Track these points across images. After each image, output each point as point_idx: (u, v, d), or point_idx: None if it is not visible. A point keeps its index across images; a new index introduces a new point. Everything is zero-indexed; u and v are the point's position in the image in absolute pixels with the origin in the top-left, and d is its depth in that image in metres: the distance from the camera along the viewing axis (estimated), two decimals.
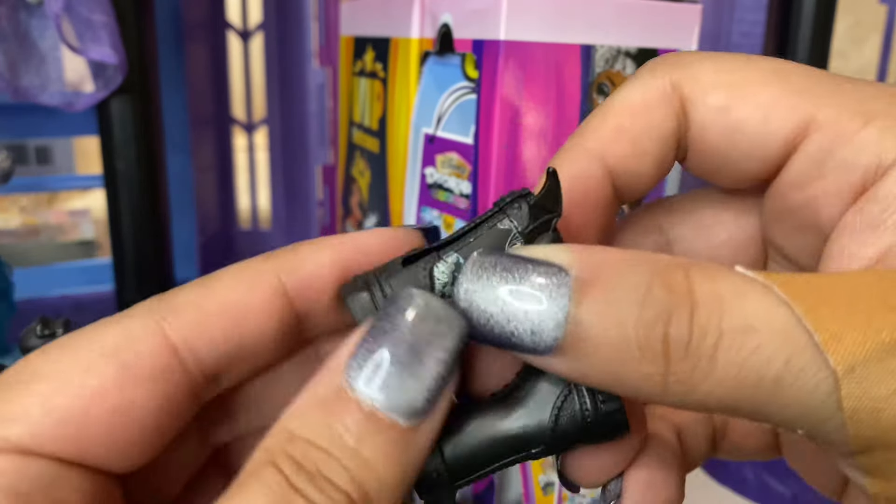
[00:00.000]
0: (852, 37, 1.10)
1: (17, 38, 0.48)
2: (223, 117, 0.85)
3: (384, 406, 0.13)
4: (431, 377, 0.13)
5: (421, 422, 0.13)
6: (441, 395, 0.14)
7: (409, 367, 0.13)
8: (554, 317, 0.12)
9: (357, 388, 0.13)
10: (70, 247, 0.84)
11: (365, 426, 0.13)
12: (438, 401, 0.14)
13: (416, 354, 0.13)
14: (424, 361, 0.13)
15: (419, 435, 0.14)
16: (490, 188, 0.37)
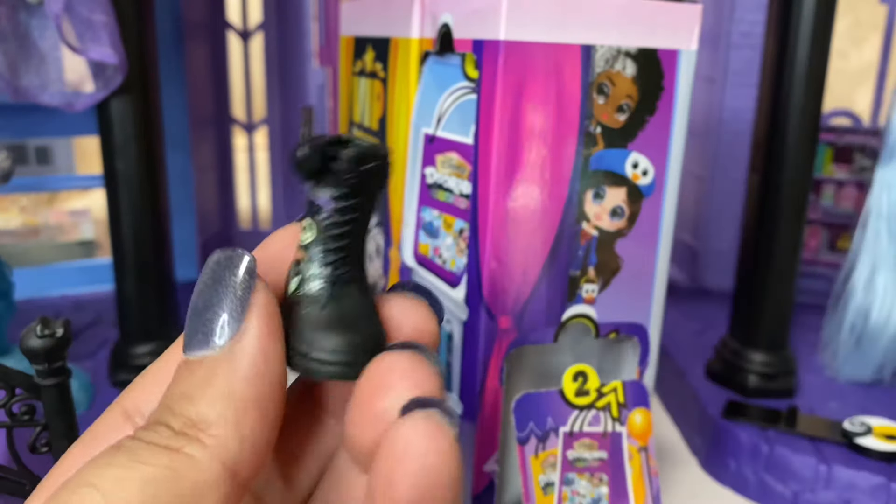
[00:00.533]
0: (852, 36, 1.10)
1: (17, 38, 0.48)
2: (223, 117, 0.85)
3: (189, 349, 0.16)
4: (216, 309, 0.15)
5: (229, 345, 0.15)
6: (241, 315, 0.15)
7: (196, 311, 0.16)
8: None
9: (184, 349, 0.16)
10: (70, 247, 0.84)
11: (184, 373, 0.15)
12: (239, 321, 0.15)
13: (201, 295, 0.16)
14: (210, 300, 0.16)
15: (234, 355, 0.15)
16: (490, 188, 0.37)
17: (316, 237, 0.16)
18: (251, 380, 0.15)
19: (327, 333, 0.16)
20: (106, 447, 0.15)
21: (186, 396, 0.15)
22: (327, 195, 0.16)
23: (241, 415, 0.15)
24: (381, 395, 0.15)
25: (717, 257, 0.78)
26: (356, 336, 0.16)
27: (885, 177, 0.55)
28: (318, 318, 0.16)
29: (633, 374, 0.43)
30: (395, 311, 0.17)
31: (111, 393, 0.52)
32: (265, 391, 0.15)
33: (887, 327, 0.55)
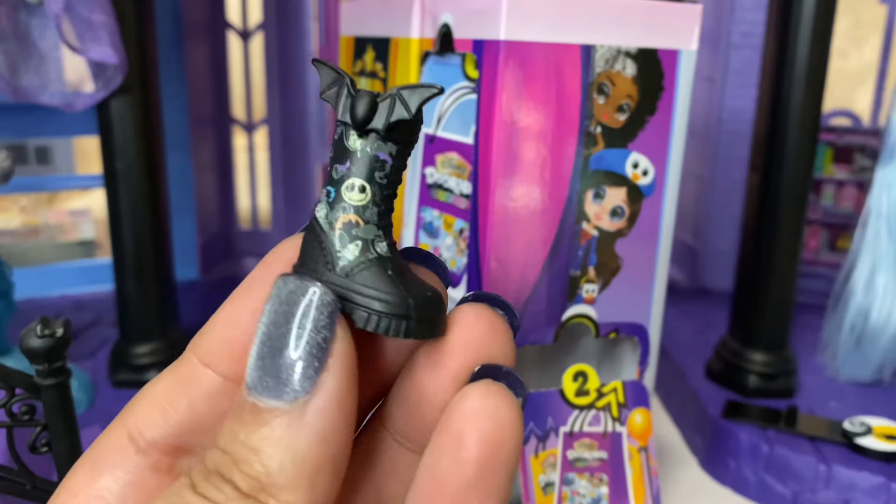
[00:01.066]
0: (852, 36, 1.10)
1: (17, 38, 0.48)
2: (223, 117, 0.85)
3: (260, 395, 0.14)
4: (292, 355, 0.14)
5: (304, 400, 0.14)
6: (319, 366, 0.14)
7: (269, 351, 0.14)
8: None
9: (248, 387, 0.14)
10: (70, 247, 0.84)
11: (250, 419, 0.14)
12: (318, 373, 0.14)
13: (272, 337, 0.14)
14: (283, 342, 0.14)
15: (308, 412, 0.14)
16: (490, 188, 0.37)
17: (373, 198, 0.15)
18: (327, 440, 0.14)
19: (420, 291, 0.15)
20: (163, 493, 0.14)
21: (254, 450, 0.14)
22: (390, 149, 0.15)
23: (314, 478, 0.14)
24: (457, 355, 0.15)
25: (717, 257, 0.78)
26: (432, 289, 0.15)
27: (885, 177, 0.55)
28: (401, 278, 0.15)
29: (633, 374, 0.43)
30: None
31: (111, 393, 0.52)
32: (339, 450, 0.14)
33: (887, 327, 0.55)
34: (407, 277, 0.15)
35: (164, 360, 0.53)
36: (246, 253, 0.90)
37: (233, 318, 0.16)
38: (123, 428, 0.16)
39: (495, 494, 0.14)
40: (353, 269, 0.15)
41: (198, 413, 0.16)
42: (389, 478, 0.17)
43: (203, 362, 0.16)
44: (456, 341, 0.15)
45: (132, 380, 0.52)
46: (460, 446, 0.14)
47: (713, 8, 0.75)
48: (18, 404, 0.27)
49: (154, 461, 0.16)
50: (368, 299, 0.15)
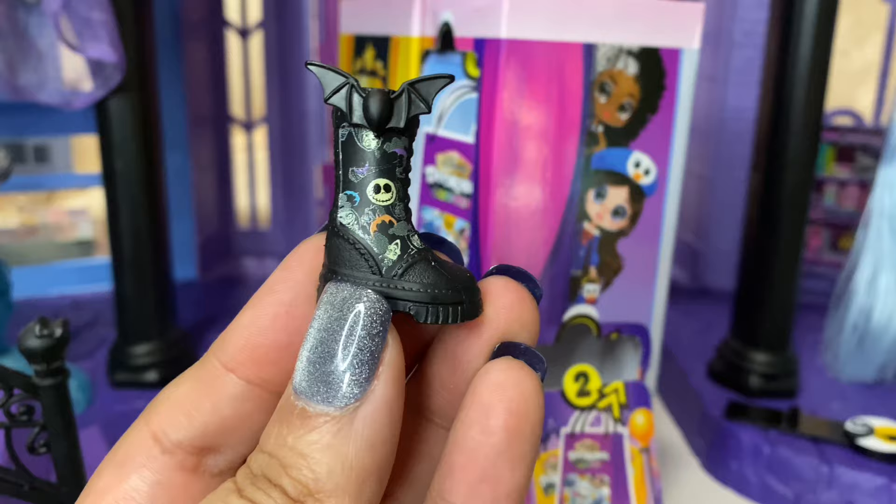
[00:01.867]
0: (854, 35, 1.09)
1: (15, 36, 0.48)
2: (222, 116, 0.85)
3: (309, 399, 0.14)
4: (343, 362, 0.14)
5: (354, 406, 0.14)
6: (370, 374, 0.14)
7: (320, 356, 0.14)
8: None
9: (296, 391, 0.14)
10: (68, 246, 0.84)
11: (299, 423, 0.14)
12: (368, 381, 0.14)
13: (324, 343, 0.14)
14: (334, 349, 0.14)
15: (357, 419, 0.14)
16: (491, 187, 0.37)
17: (397, 194, 0.15)
18: (375, 448, 0.14)
19: (462, 276, 0.15)
20: (207, 498, 0.14)
21: (302, 455, 0.14)
22: (404, 144, 0.15)
23: (361, 485, 0.14)
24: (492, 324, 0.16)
25: (718, 257, 0.77)
26: (466, 271, 0.16)
27: (888, 176, 0.55)
28: (442, 266, 0.15)
29: (634, 374, 0.43)
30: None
31: (109, 393, 0.52)
32: (385, 458, 0.14)
33: (889, 327, 0.55)
34: (444, 264, 0.15)
35: (163, 360, 0.53)
36: (245, 252, 0.89)
37: (255, 322, 0.16)
38: (147, 429, 0.17)
39: (523, 461, 0.15)
40: (400, 269, 0.15)
41: (222, 416, 0.16)
42: (415, 455, 0.17)
43: (226, 367, 0.16)
44: (489, 311, 0.16)
45: (131, 380, 0.52)
46: (489, 416, 0.15)
47: (715, 7, 0.75)
48: (17, 405, 0.27)
49: (180, 461, 0.16)
50: (424, 294, 0.15)
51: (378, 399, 0.14)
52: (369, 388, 0.14)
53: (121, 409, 0.50)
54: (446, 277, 0.15)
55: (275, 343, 0.16)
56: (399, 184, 0.15)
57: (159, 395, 0.17)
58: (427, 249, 0.15)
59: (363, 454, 0.14)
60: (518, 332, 0.16)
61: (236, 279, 0.80)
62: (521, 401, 0.15)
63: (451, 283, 0.15)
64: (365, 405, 0.14)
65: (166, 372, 0.53)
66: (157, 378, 0.52)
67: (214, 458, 0.17)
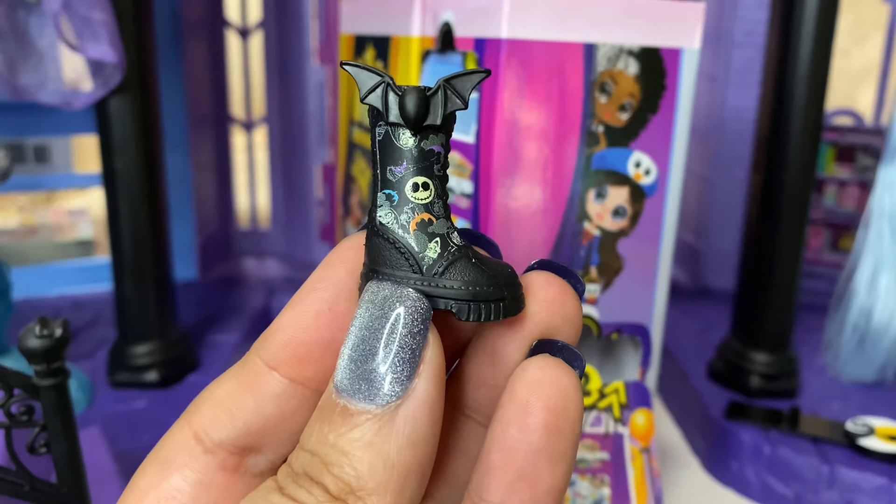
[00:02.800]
0: (855, 35, 1.09)
1: (15, 36, 0.48)
2: (222, 116, 0.85)
3: (351, 397, 0.14)
4: (385, 360, 0.14)
5: (395, 405, 0.14)
6: (411, 372, 0.14)
7: (362, 355, 0.14)
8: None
9: (338, 389, 0.14)
10: (68, 246, 0.84)
11: (340, 421, 0.14)
12: (409, 379, 0.14)
13: (366, 341, 0.14)
14: (376, 346, 0.14)
15: (398, 417, 0.14)
16: (492, 187, 0.37)
17: (436, 191, 0.15)
18: (416, 446, 0.14)
19: (503, 272, 0.15)
20: (249, 496, 0.14)
21: (344, 453, 0.14)
22: (441, 140, 0.15)
23: (402, 483, 0.14)
24: (532, 319, 0.16)
25: (719, 257, 0.77)
26: (507, 267, 0.15)
27: (888, 176, 0.55)
28: (483, 262, 0.15)
29: (634, 374, 0.43)
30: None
31: (109, 393, 0.52)
32: (427, 457, 0.14)
33: (890, 327, 0.55)
34: (485, 260, 0.15)
35: (163, 360, 0.53)
36: (245, 252, 0.89)
37: (297, 320, 0.16)
38: (189, 428, 0.17)
39: (563, 460, 0.15)
40: (441, 267, 0.15)
41: (264, 416, 0.16)
42: (453, 452, 0.17)
43: (269, 365, 0.16)
44: (531, 306, 0.16)
45: (130, 380, 0.52)
46: (527, 414, 0.15)
47: (715, 6, 0.75)
48: (17, 405, 0.27)
49: (221, 460, 0.16)
50: (465, 292, 0.15)
51: (419, 397, 0.14)
52: (410, 387, 0.14)
53: (121, 409, 0.50)
54: (487, 274, 0.15)
55: (317, 341, 0.16)
56: (437, 181, 0.15)
57: (201, 394, 0.17)
58: (467, 246, 0.15)
59: (405, 452, 0.14)
60: (560, 327, 0.16)
61: (236, 279, 0.80)
62: (559, 398, 0.15)
63: (492, 280, 0.15)
64: (406, 403, 0.14)
65: (166, 372, 0.53)
66: (157, 378, 0.52)
67: (256, 458, 0.17)
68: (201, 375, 0.55)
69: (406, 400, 0.14)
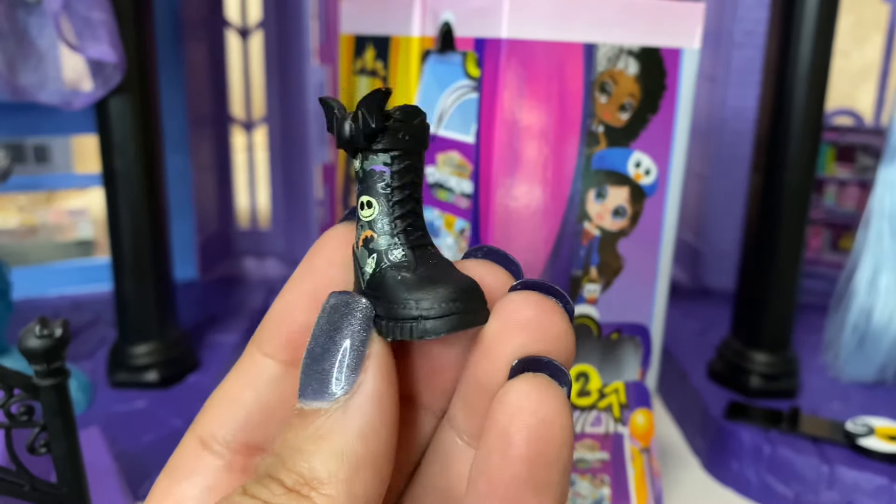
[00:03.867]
0: (854, 35, 1.09)
1: (15, 36, 0.48)
2: (222, 116, 0.85)
3: (304, 398, 0.15)
4: (332, 359, 0.15)
5: (344, 399, 0.15)
6: (356, 367, 0.15)
7: (313, 358, 0.15)
8: None
9: (299, 394, 0.15)
10: (68, 246, 0.84)
11: (299, 422, 0.15)
12: (355, 374, 0.15)
13: (318, 345, 0.15)
14: (326, 348, 0.15)
15: (348, 411, 0.15)
16: (492, 187, 0.37)
17: (380, 209, 0.16)
18: (366, 437, 0.15)
19: (433, 289, 0.15)
20: (217, 501, 0.15)
21: (299, 450, 0.15)
22: (383, 160, 0.15)
23: (354, 474, 0.14)
24: (507, 341, 0.15)
25: (719, 257, 0.77)
26: (459, 283, 0.15)
27: (888, 176, 0.55)
28: (416, 279, 0.15)
29: (634, 374, 0.43)
30: (474, 269, 0.16)
31: (109, 393, 0.52)
32: (380, 449, 0.15)
33: (890, 327, 0.55)
34: (435, 275, 0.15)
35: (163, 360, 0.53)
36: (245, 252, 0.89)
37: (284, 309, 0.17)
38: (194, 434, 0.17)
39: (549, 488, 0.14)
40: (373, 282, 0.16)
41: (264, 403, 0.17)
42: (447, 472, 0.17)
43: (264, 353, 0.17)
44: (501, 327, 0.15)
45: (131, 380, 0.52)
46: (508, 445, 0.14)
47: (716, 6, 0.75)
48: (17, 405, 0.27)
49: (228, 462, 0.17)
50: (383, 308, 0.15)
51: (366, 391, 0.15)
52: (357, 381, 0.15)
53: (121, 409, 0.50)
54: (405, 293, 0.15)
55: (304, 326, 0.17)
56: (382, 199, 0.16)
57: (207, 400, 0.18)
58: (404, 264, 0.16)
59: (355, 443, 0.15)
60: (544, 351, 0.15)
61: (236, 279, 0.80)
62: (541, 427, 0.14)
63: (404, 300, 0.15)
64: (354, 397, 0.15)
65: (166, 372, 0.53)
66: (157, 378, 0.52)
67: (262, 458, 0.17)
68: (201, 375, 0.55)
69: (354, 394, 0.15)
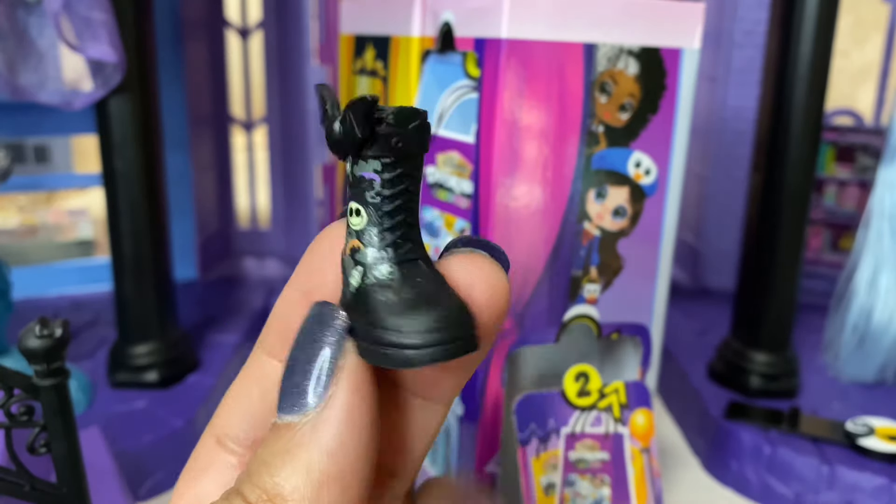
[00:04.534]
0: (854, 35, 1.09)
1: (15, 36, 0.48)
2: (222, 116, 0.85)
3: (282, 413, 0.15)
4: (307, 373, 0.15)
5: (314, 413, 0.14)
6: (328, 382, 0.15)
7: (290, 371, 0.15)
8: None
9: (277, 408, 0.15)
10: (68, 246, 0.84)
11: (271, 436, 0.15)
12: (326, 388, 0.15)
13: (294, 358, 0.15)
14: (302, 361, 0.15)
15: (316, 426, 0.14)
16: (492, 187, 0.37)
17: (369, 219, 0.15)
18: (333, 453, 0.14)
19: (416, 315, 0.14)
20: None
21: (266, 464, 0.14)
22: (373, 167, 0.14)
23: (318, 490, 0.14)
24: None
25: (718, 257, 0.77)
26: (446, 308, 0.14)
27: (888, 176, 0.55)
28: (400, 302, 0.14)
29: (634, 374, 0.43)
30: (458, 274, 0.16)
31: (110, 393, 0.52)
32: (348, 465, 0.14)
33: (890, 327, 0.55)
34: (420, 298, 0.14)
35: (163, 360, 0.53)
36: (245, 252, 0.89)
37: (282, 308, 0.17)
38: (211, 433, 0.17)
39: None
40: (357, 298, 0.15)
41: (271, 402, 0.17)
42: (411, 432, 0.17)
43: (268, 354, 0.17)
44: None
45: (131, 380, 0.52)
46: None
47: (715, 6, 0.75)
48: (17, 405, 0.27)
49: (241, 459, 0.17)
50: (364, 329, 0.15)
51: (336, 405, 0.14)
52: (328, 395, 0.14)
53: (121, 409, 0.50)
54: (409, 315, 0.14)
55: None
56: (371, 209, 0.15)
57: (222, 399, 0.18)
58: (389, 285, 0.15)
59: (322, 458, 0.14)
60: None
61: (236, 279, 0.80)
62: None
63: (389, 326, 0.14)
64: (324, 411, 0.14)
65: (166, 372, 0.53)
66: (157, 378, 0.52)
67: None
68: (201, 375, 0.55)
69: (324, 408, 0.14)
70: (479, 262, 0.16)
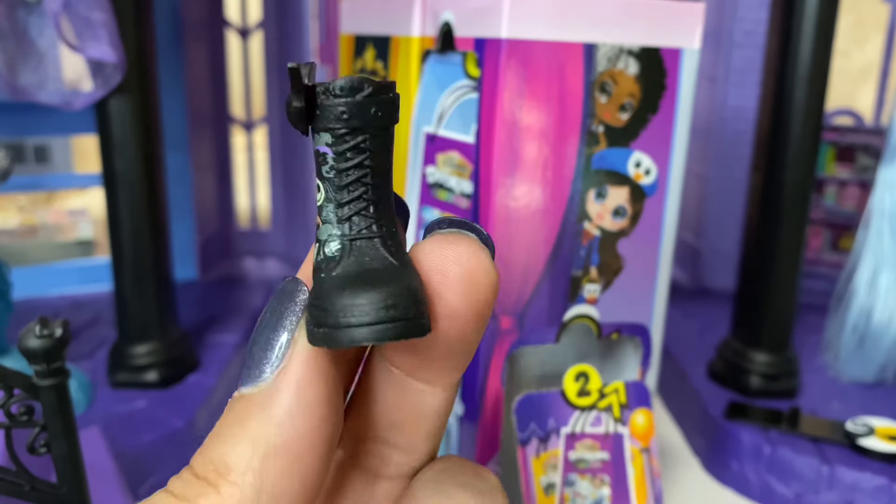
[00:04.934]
0: (854, 35, 1.09)
1: (15, 36, 0.48)
2: (222, 116, 0.85)
3: (239, 384, 0.15)
4: (266, 345, 0.15)
5: (265, 384, 0.14)
6: (281, 353, 0.14)
7: (252, 346, 0.15)
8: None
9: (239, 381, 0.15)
10: (68, 246, 0.84)
11: (227, 409, 0.15)
12: (280, 359, 0.14)
13: (257, 331, 0.15)
14: (264, 334, 0.15)
15: (267, 399, 0.14)
16: (492, 187, 0.37)
17: (326, 194, 0.14)
18: (281, 424, 0.14)
19: (352, 294, 0.14)
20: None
21: (217, 435, 0.14)
22: (325, 140, 0.14)
23: (264, 462, 0.14)
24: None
25: (718, 257, 0.77)
26: (384, 291, 0.14)
27: (888, 176, 0.55)
28: (341, 281, 0.14)
29: (634, 374, 0.43)
30: (430, 256, 0.15)
31: (110, 393, 0.52)
32: (297, 438, 0.14)
33: (890, 327, 0.55)
34: (364, 278, 0.14)
35: (163, 360, 0.53)
36: (245, 253, 0.89)
37: None
38: None
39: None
40: (315, 274, 0.15)
41: None
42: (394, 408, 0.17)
43: None
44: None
45: (130, 380, 0.52)
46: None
47: (716, 6, 0.75)
48: (17, 405, 0.27)
49: None
50: (310, 306, 0.14)
51: (290, 375, 0.14)
52: (279, 367, 0.14)
53: (121, 409, 0.50)
54: (349, 293, 0.14)
55: None
56: (327, 184, 0.14)
57: None
58: (334, 258, 0.14)
59: (270, 429, 0.14)
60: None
61: (236, 279, 0.80)
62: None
63: (329, 305, 0.14)
64: (273, 382, 0.14)
65: (166, 372, 0.53)
66: (157, 378, 0.52)
67: None
68: (201, 375, 0.55)
69: (274, 380, 0.14)
70: (456, 242, 0.15)
